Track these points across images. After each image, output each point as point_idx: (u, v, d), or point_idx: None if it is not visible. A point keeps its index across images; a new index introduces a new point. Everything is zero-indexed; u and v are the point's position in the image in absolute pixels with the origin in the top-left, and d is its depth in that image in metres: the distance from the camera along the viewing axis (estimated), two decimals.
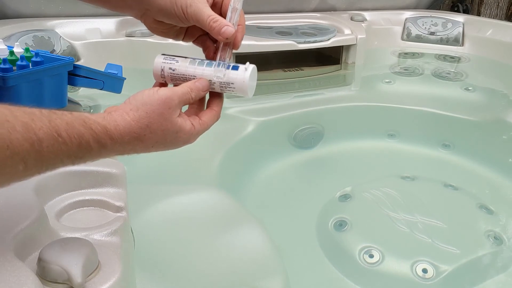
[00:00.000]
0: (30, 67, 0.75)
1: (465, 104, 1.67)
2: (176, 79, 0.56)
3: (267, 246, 0.80)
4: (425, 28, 2.13)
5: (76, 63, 0.84)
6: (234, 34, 0.54)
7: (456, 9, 2.59)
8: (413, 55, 2.05)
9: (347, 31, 1.87)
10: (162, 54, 0.57)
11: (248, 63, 0.55)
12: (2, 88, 0.71)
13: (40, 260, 0.45)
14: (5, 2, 1.61)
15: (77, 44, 1.57)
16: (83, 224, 0.56)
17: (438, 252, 0.98)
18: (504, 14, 2.69)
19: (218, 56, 0.56)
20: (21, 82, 0.73)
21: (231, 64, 0.55)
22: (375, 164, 1.44)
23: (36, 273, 0.45)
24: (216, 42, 0.58)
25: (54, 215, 0.56)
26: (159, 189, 0.92)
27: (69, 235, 0.52)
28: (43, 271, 0.44)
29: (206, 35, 0.59)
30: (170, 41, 1.01)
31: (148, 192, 0.89)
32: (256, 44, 1.63)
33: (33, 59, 0.76)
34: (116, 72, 0.92)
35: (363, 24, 1.98)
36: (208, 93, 0.56)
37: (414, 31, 2.12)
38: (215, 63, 0.55)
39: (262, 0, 2.02)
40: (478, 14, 2.64)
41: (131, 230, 0.63)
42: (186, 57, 0.56)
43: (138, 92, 0.51)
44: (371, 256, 0.97)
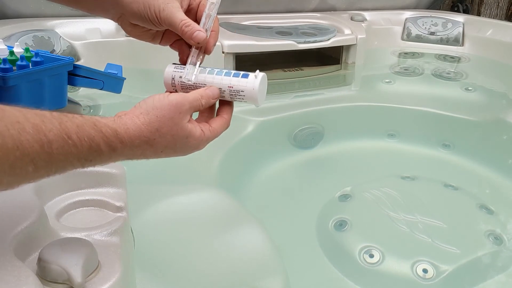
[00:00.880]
0: (30, 67, 0.75)
1: (465, 104, 1.66)
2: (187, 87, 0.57)
3: (267, 246, 0.80)
4: (425, 28, 2.13)
5: (76, 63, 0.84)
6: (206, 39, 0.56)
7: (456, 9, 2.59)
8: (413, 55, 2.05)
9: (347, 31, 1.87)
10: (173, 64, 0.58)
11: (258, 71, 0.56)
12: (2, 88, 0.71)
13: (40, 260, 0.44)
14: (5, 2, 1.61)
15: (77, 44, 1.57)
16: (83, 224, 0.56)
17: (438, 252, 0.98)
18: (504, 14, 2.69)
19: (189, 60, 0.57)
20: (21, 82, 0.73)
21: (241, 72, 0.55)
22: (375, 164, 1.44)
23: (36, 273, 0.45)
24: (191, 47, 0.59)
25: (54, 215, 0.56)
26: (159, 189, 0.92)
27: (69, 235, 0.52)
28: (43, 271, 0.44)
29: (182, 40, 0.60)
30: None
31: (148, 192, 0.89)
32: (256, 44, 1.63)
33: (33, 59, 0.76)
34: (116, 72, 0.92)
35: (363, 24, 1.98)
36: (218, 101, 0.57)
37: (414, 31, 2.12)
38: (225, 71, 0.56)
39: (262, 0, 2.02)
40: (478, 14, 2.64)
41: (131, 230, 0.62)
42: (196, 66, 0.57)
43: (148, 97, 0.51)
44: (371, 256, 0.97)
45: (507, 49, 1.95)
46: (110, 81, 0.90)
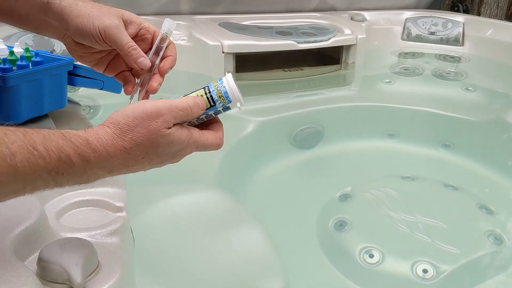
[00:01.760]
0: (30, 67, 0.75)
1: (465, 104, 1.66)
2: None
3: (267, 246, 0.80)
4: (425, 28, 2.12)
5: (76, 63, 0.84)
6: (147, 68, 0.56)
7: (456, 9, 2.59)
8: (413, 55, 2.05)
9: (347, 31, 1.87)
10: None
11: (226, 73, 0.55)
12: (2, 88, 0.71)
13: (40, 260, 0.44)
14: None
15: None
16: (83, 224, 0.56)
17: (438, 252, 0.98)
18: (504, 14, 2.69)
19: (138, 84, 0.58)
20: (21, 82, 0.73)
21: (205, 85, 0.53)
22: (375, 164, 1.44)
23: (36, 273, 0.45)
24: (138, 77, 0.60)
25: (54, 215, 0.56)
26: (158, 189, 0.92)
27: (69, 235, 0.52)
28: (43, 271, 0.44)
29: (129, 71, 0.61)
30: None
31: (148, 192, 0.89)
32: (256, 44, 1.63)
33: (33, 59, 0.76)
34: None
35: (363, 24, 1.98)
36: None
37: (414, 31, 2.12)
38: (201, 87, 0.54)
39: (262, 0, 2.02)
40: (478, 14, 2.64)
41: (131, 230, 0.62)
42: None
43: (123, 107, 0.48)
44: (371, 256, 0.97)
45: (507, 49, 1.95)
46: (110, 81, 0.90)
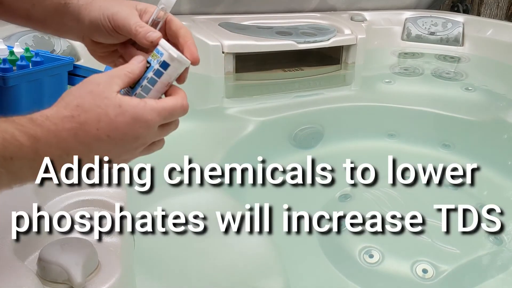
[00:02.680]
0: (30, 67, 0.75)
1: (465, 104, 1.67)
2: None
3: (267, 246, 0.80)
4: (425, 28, 2.12)
5: (76, 63, 0.84)
6: (159, 39, 0.51)
7: (456, 9, 2.59)
8: (413, 55, 2.05)
9: (347, 31, 1.87)
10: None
11: None
12: (2, 88, 0.72)
13: (40, 260, 0.44)
14: None
15: (77, 44, 1.57)
16: None
17: (438, 252, 0.98)
18: (504, 14, 2.69)
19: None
20: (21, 82, 0.73)
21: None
22: (375, 164, 1.44)
23: (36, 273, 0.45)
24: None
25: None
26: (158, 189, 0.92)
27: (69, 235, 0.52)
28: (43, 271, 0.44)
29: None
30: None
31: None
32: (256, 44, 1.63)
33: (33, 59, 0.76)
34: None
35: (363, 24, 1.98)
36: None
37: (414, 31, 2.12)
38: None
39: (262, 0, 2.02)
40: (478, 14, 2.64)
41: None
42: None
43: None
44: (371, 256, 0.97)
45: (507, 49, 1.95)
46: None
